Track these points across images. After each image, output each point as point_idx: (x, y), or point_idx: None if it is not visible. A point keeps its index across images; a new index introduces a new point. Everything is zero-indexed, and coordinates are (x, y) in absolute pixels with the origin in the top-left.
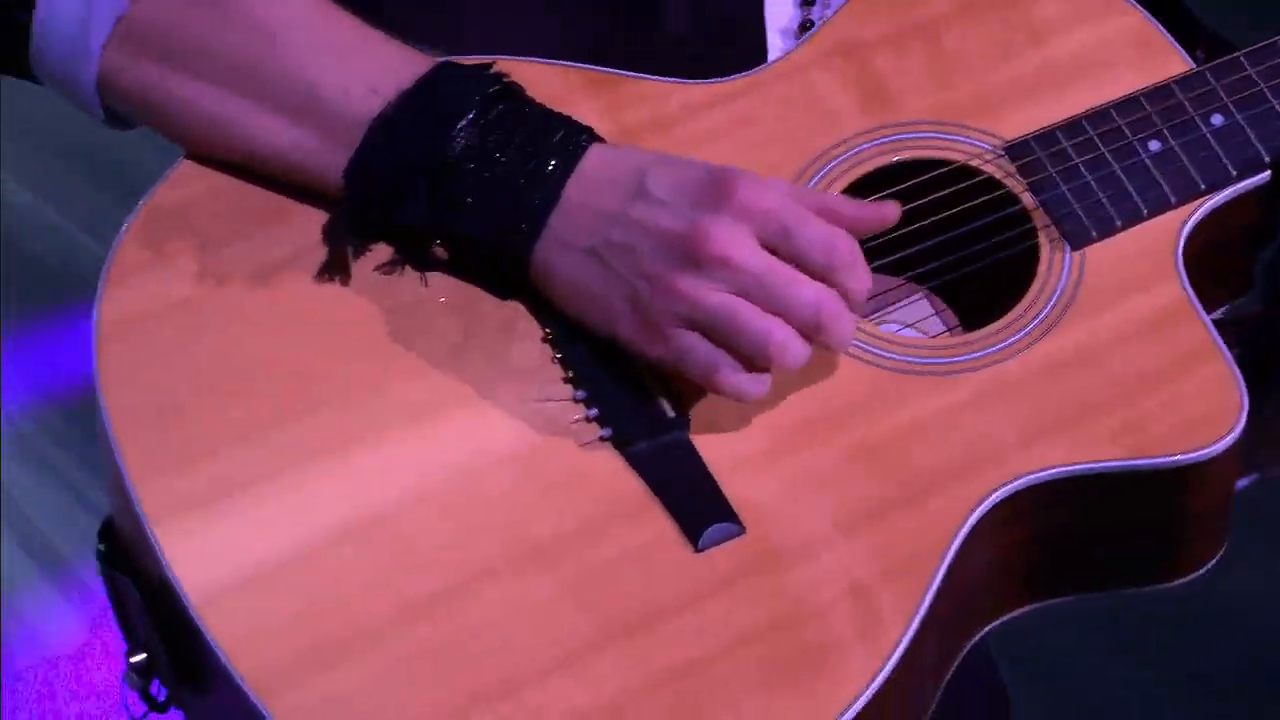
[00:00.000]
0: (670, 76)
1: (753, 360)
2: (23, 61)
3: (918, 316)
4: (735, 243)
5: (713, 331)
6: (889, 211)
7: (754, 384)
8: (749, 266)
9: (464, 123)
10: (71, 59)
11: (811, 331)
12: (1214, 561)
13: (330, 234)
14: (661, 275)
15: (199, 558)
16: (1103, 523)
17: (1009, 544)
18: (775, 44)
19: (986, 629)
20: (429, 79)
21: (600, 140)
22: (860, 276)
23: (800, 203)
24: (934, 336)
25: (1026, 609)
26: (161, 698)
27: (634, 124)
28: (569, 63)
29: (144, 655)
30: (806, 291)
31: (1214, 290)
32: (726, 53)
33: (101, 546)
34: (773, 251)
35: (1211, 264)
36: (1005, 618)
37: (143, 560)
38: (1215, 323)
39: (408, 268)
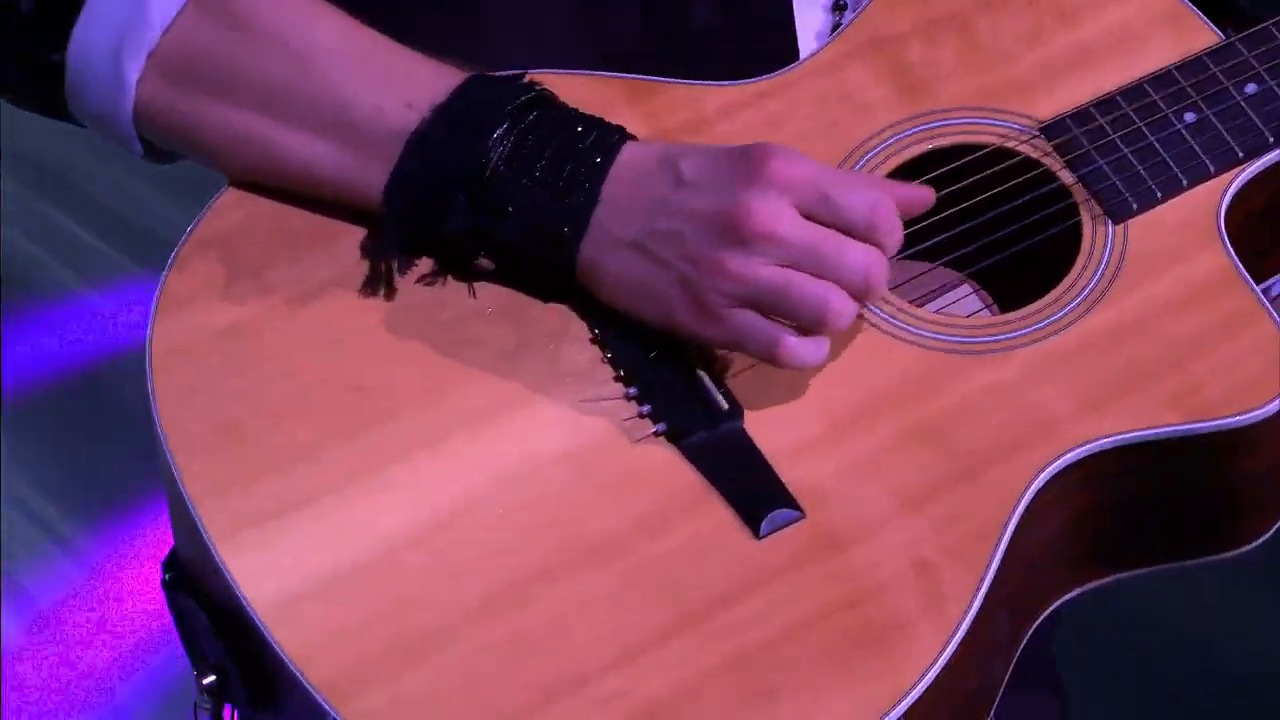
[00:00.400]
0: (703, 80)
1: (809, 328)
2: (59, 101)
3: (958, 300)
4: (777, 216)
5: (767, 306)
6: (928, 195)
7: (815, 349)
8: (794, 238)
9: (499, 132)
10: (108, 95)
11: (861, 293)
12: (1270, 533)
13: (371, 250)
14: (710, 256)
15: (264, 572)
16: (1160, 490)
17: (1069, 516)
18: (809, 48)
19: (1054, 605)
20: (462, 91)
21: (632, 138)
22: (899, 236)
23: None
24: (978, 314)
25: (1092, 585)
26: None
27: (672, 128)
28: (603, 73)
29: (214, 677)
30: (855, 256)
31: (1260, 259)
32: (759, 50)
33: (167, 576)
34: (811, 218)
35: (1255, 232)
36: (1072, 593)
37: (208, 581)
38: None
39: (453, 280)
